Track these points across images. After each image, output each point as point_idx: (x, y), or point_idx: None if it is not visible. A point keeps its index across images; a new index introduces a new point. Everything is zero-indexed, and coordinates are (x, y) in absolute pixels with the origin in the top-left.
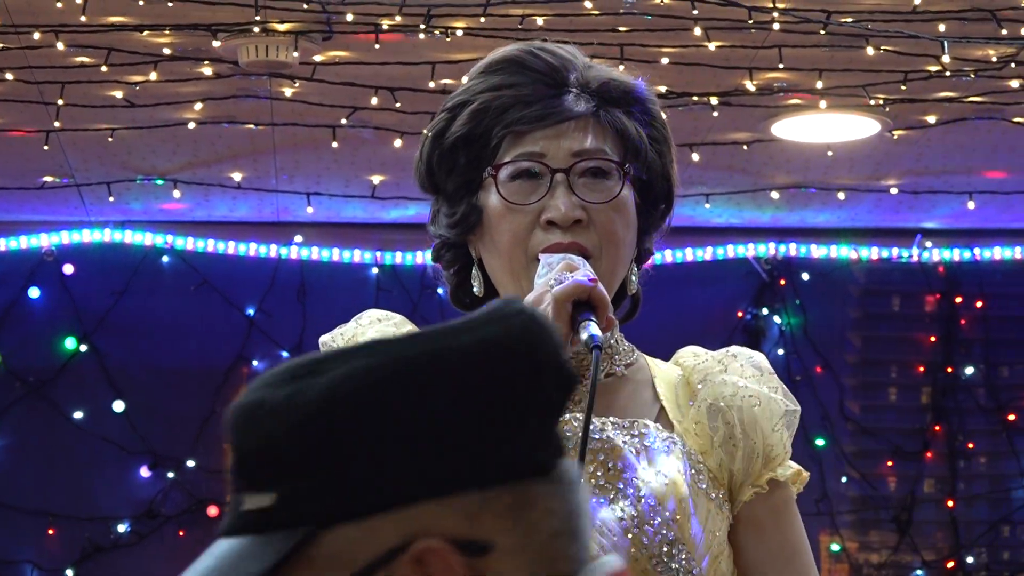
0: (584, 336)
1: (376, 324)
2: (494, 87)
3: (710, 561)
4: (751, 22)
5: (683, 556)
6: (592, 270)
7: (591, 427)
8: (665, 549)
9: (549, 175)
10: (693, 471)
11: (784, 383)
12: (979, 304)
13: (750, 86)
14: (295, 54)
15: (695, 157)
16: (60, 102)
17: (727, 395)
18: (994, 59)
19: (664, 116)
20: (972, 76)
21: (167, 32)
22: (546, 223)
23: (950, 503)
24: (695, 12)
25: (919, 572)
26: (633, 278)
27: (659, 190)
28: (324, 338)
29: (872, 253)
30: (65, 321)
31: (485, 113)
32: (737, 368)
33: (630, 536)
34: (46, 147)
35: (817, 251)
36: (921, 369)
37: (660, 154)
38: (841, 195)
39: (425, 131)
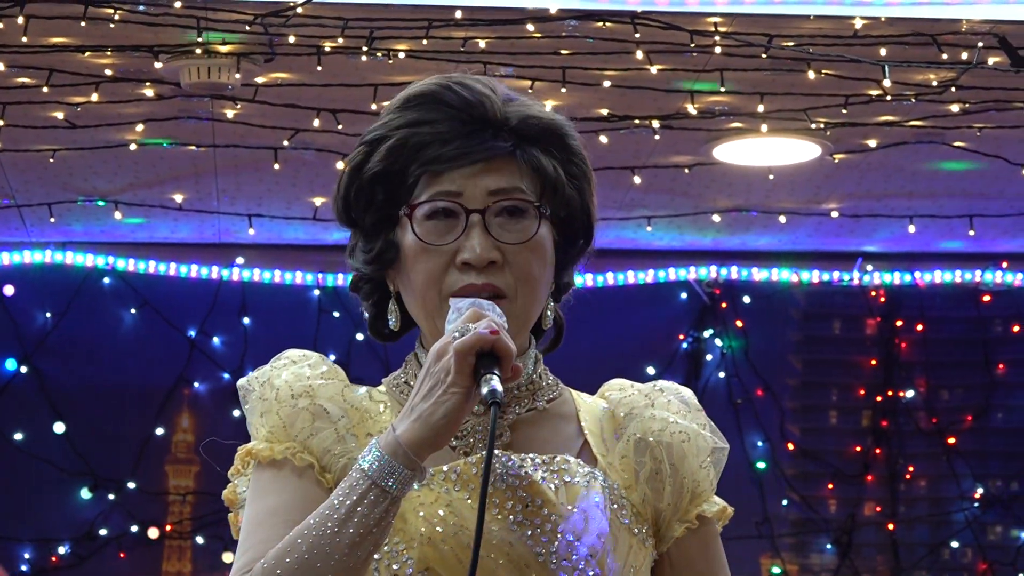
0: (485, 390)
1: (291, 366)
2: (411, 123)
3: None
4: (693, 46)
5: None
6: (502, 314)
7: (510, 463)
8: None
9: (465, 215)
10: (615, 506)
11: (725, 406)
12: (919, 327)
13: (692, 109)
14: (237, 75)
15: (636, 180)
16: (1, 123)
17: (655, 430)
18: (935, 83)
19: (584, 152)
20: (913, 100)
21: (109, 53)
22: (461, 264)
23: (891, 526)
24: (637, 35)
25: None
26: (548, 313)
27: (578, 225)
28: (241, 382)
29: (813, 276)
30: (5, 342)
31: (402, 150)
32: (664, 403)
33: (549, 571)
34: None
35: (758, 274)
36: (862, 392)
37: (579, 190)
38: (782, 218)
39: (343, 163)
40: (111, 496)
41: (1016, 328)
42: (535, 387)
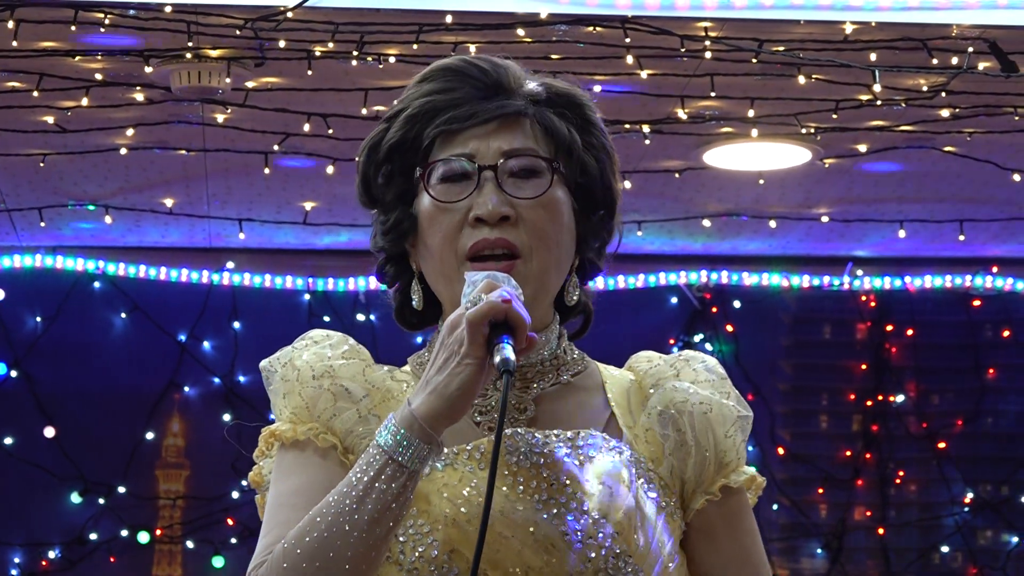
0: (497, 359)
1: (312, 346)
2: (428, 93)
3: (660, 570)
4: (683, 50)
5: (630, 569)
6: (517, 286)
7: (535, 440)
8: (612, 562)
9: (477, 174)
10: (642, 480)
11: None
12: (909, 332)
13: (682, 114)
14: (227, 80)
15: (627, 185)
16: None
17: (678, 401)
18: (925, 88)
19: (603, 126)
20: (903, 105)
21: (99, 57)
22: (474, 220)
23: (881, 530)
24: (627, 40)
25: None
26: (573, 288)
27: (599, 197)
28: (263, 364)
29: (803, 281)
30: None
31: (418, 118)
32: (690, 373)
33: (576, 551)
34: None
35: (749, 279)
36: (852, 397)
37: (598, 160)
38: (772, 223)
39: (363, 143)
40: (101, 500)
41: (1006, 333)
42: (559, 362)
